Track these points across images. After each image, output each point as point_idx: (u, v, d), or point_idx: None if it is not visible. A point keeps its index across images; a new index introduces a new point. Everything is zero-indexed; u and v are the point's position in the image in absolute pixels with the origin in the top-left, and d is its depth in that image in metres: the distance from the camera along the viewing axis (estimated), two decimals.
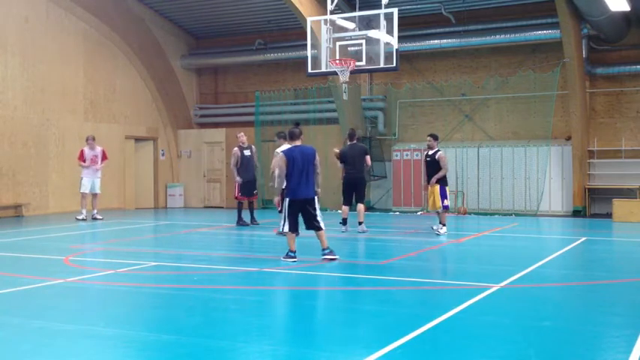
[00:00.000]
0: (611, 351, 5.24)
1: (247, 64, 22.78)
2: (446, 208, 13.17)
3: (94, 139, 17.32)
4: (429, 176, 13.19)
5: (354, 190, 13.55)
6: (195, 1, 20.73)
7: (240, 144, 15.35)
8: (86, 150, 17.20)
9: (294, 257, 9.67)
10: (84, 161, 17.12)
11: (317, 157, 10.02)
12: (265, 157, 21.44)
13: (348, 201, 13.58)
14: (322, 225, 9.82)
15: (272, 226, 13.67)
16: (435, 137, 13.48)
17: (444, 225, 13.12)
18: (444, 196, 13.01)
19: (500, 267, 9.33)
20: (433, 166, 13.12)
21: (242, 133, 15.77)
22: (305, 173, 9.73)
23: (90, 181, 17.10)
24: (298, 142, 9.92)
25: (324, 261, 9.57)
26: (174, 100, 23.06)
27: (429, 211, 14.71)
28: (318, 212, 9.90)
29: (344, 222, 13.53)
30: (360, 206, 13.47)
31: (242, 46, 22.47)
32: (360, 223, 13.33)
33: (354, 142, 13.75)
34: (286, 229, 9.75)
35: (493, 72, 19.64)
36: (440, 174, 12.97)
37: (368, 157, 13.63)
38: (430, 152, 13.31)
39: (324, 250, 9.78)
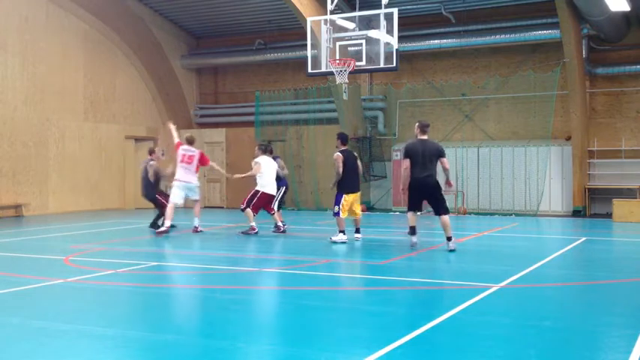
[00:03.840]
0: (611, 351, 5.24)
1: (247, 64, 22.78)
2: (336, 214, 11.83)
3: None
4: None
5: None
6: (195, 1, 20.74)
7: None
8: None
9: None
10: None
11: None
12: None
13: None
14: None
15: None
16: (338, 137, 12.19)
17: (340, 232, 11.81)
18: (336, 201, 11.85)
19: (500, 267, 9.33)
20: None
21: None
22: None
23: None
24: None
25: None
26: (175, 100, 23.07)
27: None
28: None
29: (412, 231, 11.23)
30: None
31: (242, 46, 22.47)
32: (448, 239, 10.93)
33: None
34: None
35: (493, 72, 19.65)
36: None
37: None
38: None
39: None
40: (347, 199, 11.80)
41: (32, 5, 18.67)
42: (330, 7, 13.34)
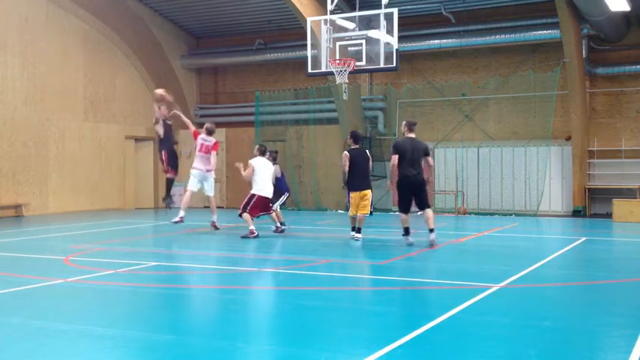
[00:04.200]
0: (611, 351, 5.24)
1: (247, 64, 22.78)
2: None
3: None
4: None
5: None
6: (195, 1, 20.74)
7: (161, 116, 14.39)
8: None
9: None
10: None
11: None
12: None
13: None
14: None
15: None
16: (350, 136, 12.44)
17: (352, 228, 12.32)
18: (347, 200, 12.51)
19: (500, 267, 9.33)
20: None
21: (164, 107, 14.61)
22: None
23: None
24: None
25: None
26: (175, 100, 23.01)
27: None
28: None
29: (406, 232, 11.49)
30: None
31: (242, 46, 22.47)
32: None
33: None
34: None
35: (493, 72, 19.64)
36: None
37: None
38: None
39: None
40: (353, 196, 12.01)
41: (32, 5, 18.67)
42: (330, 7, 13.34)
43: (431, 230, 11.11)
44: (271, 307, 7.04)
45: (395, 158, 11.10)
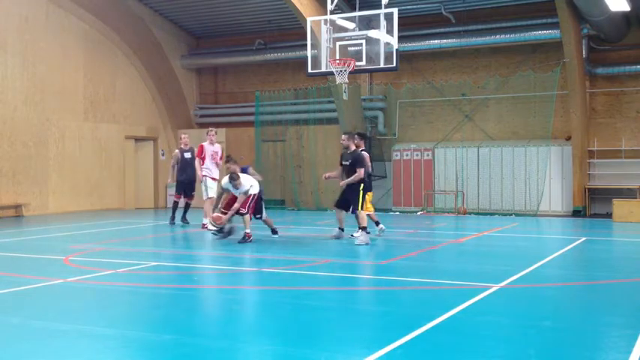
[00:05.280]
0: (611, 351, 5.24)
1: (247, 64, 22.78)
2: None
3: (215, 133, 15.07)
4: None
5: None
6: (195, 1, 20.73)
7: (182, 146, 15.50)
8: (206, 145, 14.59)
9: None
10: (204, 159, 14.53)
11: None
12: (265, 158, 21.47)
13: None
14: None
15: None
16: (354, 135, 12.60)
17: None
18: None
19: (500, 267, 9.33)
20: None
21: (186, 135, 15.76)
22: None
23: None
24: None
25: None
26: (174, 100, 23.07)
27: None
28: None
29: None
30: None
31: (242, 46, 22.47)
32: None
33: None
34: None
35: (493, 72, 19.64)
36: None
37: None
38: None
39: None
40: (369, 195, 12.28)
41: (32, 5, 18.66)
42: (330, 7, 13.33)
43: (363, 228, 11.92)
44: (271, 307, 7.04)
45: (362, 171, 11.77)
